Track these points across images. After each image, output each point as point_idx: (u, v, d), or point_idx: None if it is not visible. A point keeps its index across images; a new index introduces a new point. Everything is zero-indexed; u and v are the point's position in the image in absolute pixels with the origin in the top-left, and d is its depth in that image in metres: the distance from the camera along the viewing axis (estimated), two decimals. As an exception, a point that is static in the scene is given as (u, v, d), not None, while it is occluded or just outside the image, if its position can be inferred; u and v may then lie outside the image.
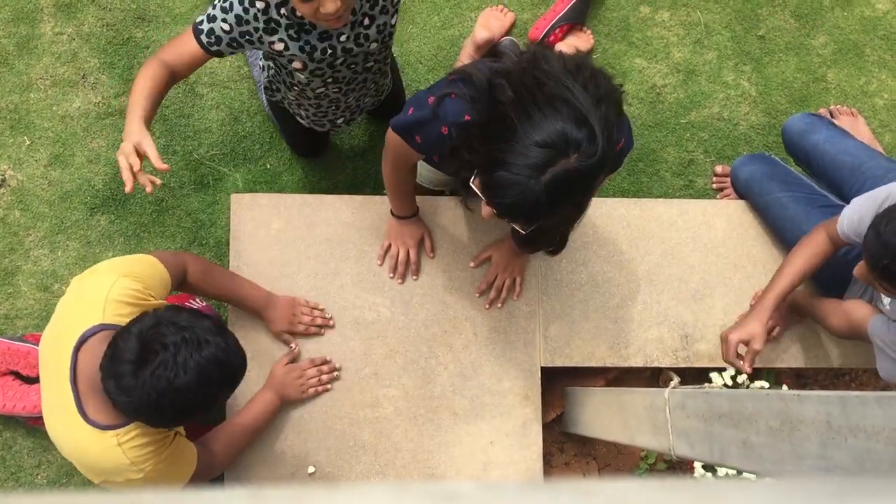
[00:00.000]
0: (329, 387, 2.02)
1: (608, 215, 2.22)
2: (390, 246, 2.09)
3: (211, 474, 1.81)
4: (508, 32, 2.68)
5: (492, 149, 1.38)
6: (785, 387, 2.30)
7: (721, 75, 2.83)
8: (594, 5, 2.78)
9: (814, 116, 2.35)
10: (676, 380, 1.66)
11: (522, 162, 1.33)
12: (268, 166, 2.62)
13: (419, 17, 2.78)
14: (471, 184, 1.47)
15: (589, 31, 2.74)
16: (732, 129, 2.80)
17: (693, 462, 2.21)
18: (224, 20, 1.67)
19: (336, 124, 2.20)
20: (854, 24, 2.91)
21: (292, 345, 2.02)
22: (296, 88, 1.95)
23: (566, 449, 2.28)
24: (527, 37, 2.71)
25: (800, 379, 2.35)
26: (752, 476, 1.51)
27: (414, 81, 2.67)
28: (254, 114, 2.65)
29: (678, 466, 2.27)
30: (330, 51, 1.77)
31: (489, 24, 2.61)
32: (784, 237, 2.19)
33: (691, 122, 2.79)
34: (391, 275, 2.09)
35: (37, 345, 2.30)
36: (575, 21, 2.69)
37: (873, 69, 2.89)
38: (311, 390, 1.99)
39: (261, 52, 2.00)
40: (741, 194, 2.37)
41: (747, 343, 1.91)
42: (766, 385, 2.20)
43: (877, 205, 1.76)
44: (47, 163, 2.55)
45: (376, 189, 2.64)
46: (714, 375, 2.24)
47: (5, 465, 2.35)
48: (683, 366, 2.17)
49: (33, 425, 2.32)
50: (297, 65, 1.78)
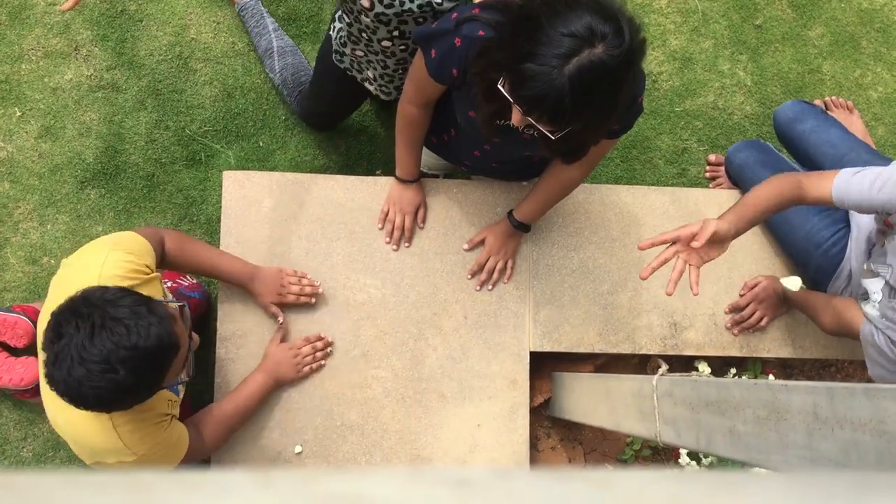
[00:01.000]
0: (323, 363, 2.02)
1: (601, 202, 2.22)
2: (390, 211, 2.11)
3: (199, 457, 1.80)
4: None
5: (519, 43, 1.39)
6: (771, 376, 2.31)
7: (717, 64, 2.83)
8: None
9: (804, 104, 2.35)
10: (665, 367, 1.66)
11: (548, 52, 1.34)
12: (260, 144, 2.61)
13: None
14: (498, 86, 1.46)
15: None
16: (727, 118, 2.80)
17: (679, 449, 2.22)
18: None
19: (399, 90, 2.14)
20: (851, 16, 2.91)
21: (279, 318, 2.01)
22: (364, 37, 1.91)
23: (552, 433, 2.29)
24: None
25: (786, 369, 2.37)
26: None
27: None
28: (247, 91, 2.63)
29: (663, 453, 2.29)
30: None
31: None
32: (774, 227, 2.20)
33: (686, 111, 2.79)
34: (387, 240, 2.10)
35: (24, 315, 2.29)
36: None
37: (869, 62, 2.89)
38: (307, 369, 1.98)
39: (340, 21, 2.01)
40: (734, 180, 2.38)
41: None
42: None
43: (868, 184, 1.69)
44: (38, 135, 2.53)
45: (369, 169, 2.63)
46: (701, 364, 2.25)
47: (-9, 438, 2.35)
48: (672, 353, 2.18)
49: (20, 398, 2.32)
50: (364, 2, 1.76)
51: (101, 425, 1.49)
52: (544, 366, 2.23)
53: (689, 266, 1.65)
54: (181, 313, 1.55)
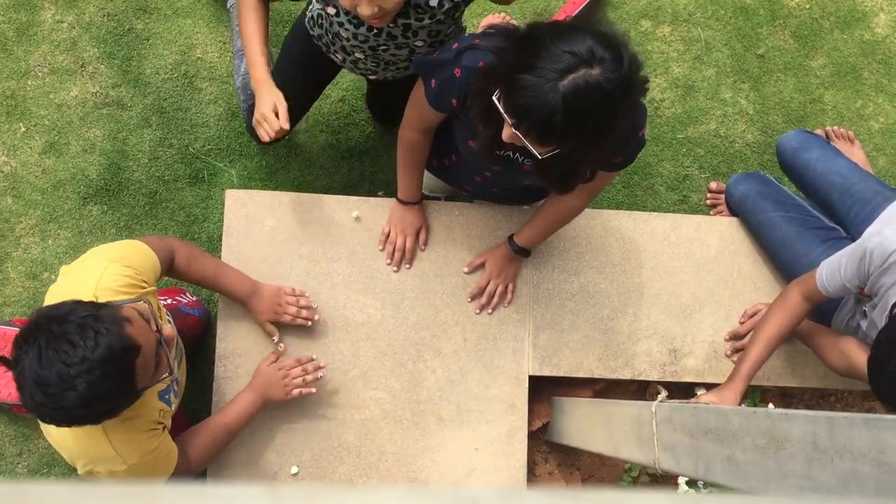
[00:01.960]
0: (313, 390, 1.97)
1: (602, 227, 2.22)
2: (391, 232, 2.11)
3: (186, 474, 1.79)
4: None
5: (521, 57, 1.41)
6: (770, 405, 2.30)
7: (719, 92, 2.85)
8: (596, 19, 2.78)
9: (808, 134, 2.36)
10: (664, 393, 1.66)
11: (546, 66, 1.35)
12: (264, 163, 2.62)
13: (421, 21, 2.78)
14: (493, 98, 1.46)
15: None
16: (728, 146, 2.81)
17: (677, 477, 2.21)
18: None
19: (367, 77, 2.20)
20: (853, 48, 2.93)
21: (280, 345, 2.00)
22: (338, 42, 1.98)
23: (550, 458, 2.28)
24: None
25: (785, 398, 2.36)
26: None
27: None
28: (252, 110, 2.64)
29: (661, 480, 2.27)
30: (375, 31, 1.81)
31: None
32: (776, 257, 2.19)
33: (688, 138, 2.80)
34: (388, 261, 2.10)
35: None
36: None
37: (870, 93, 2.90)
38: (296, 391, 1.94)
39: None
40: (735, 212, 2.38)
41: None
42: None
43: (856, 262, 1.75)
44: (42, 150, 2.54)
45: (371, 190, 2.64)
46: (701, 391, 2.24)
47: (-14, 453, 2.33)
48: (671, 380, 2.17)
49: (17, 412, 2.31)
50: (343, 33, 1.83)
51: (92, 433, 1.49)
52: (543, 390, 2.22)
53: None
54: (146, 310, 1.52)
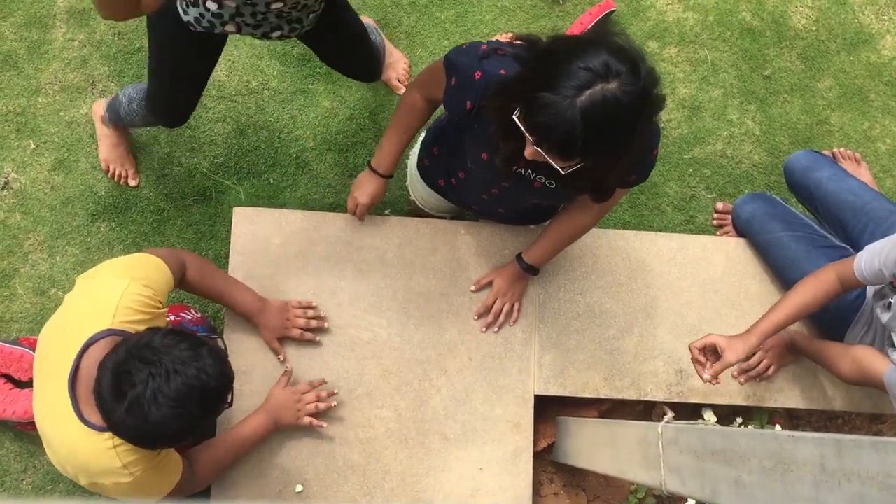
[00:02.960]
0: (324, 425, 1.97)
1: (609, 246, 2.22)
2: (349, 199, 2.13)
3: (191, 489, 1.79)
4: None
5: (539, 74, 1.42)
6: (777, 427, 2.29)
7: (726, 113, 2.85)
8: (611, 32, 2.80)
9: (816, 153, 2.36)
10: (671, 414, 1.65)
11: (564, 83, 1.36)
12: (271, 181, 2.63)
13: (429, 40, 2.80)
14: (513, 116, 1.47)
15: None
16: (735, 166, 2.81)
17: (686, 500, 2.20)
18: None
19: (269, 35, 1.93)
20: (860, 69, 2.94)
21: (280, 357, 2.01)
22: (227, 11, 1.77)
23: (556, 479, 2.27)
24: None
25: (792, 419, 2.35)
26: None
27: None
28: (259, 128, 2.66)
29: (668, 502, 2.26)
30: None
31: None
32: (784, 276, 2.19)
33: (694, 158, 2.80)
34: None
35: (31, 349, 2.29)
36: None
37: (877, 114, 2.91)
38: (307, 419, 1.95)
39: None
40: (742, 232, 2.37)
41: (722, 353, 1.82)
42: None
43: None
44: (51, 167, 2.56)
45: (378, 209, 2.64)
46: (707, 412, 2.24)
47: (-9, 469, 2.33)
48: (677, 401, 2.16)
49: (22, 430, 2.31)
50: None
51: (101, 446, 1.50)
52: (549, 410, 2.22)
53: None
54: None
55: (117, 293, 1.56)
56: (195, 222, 2.56)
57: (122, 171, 2.53)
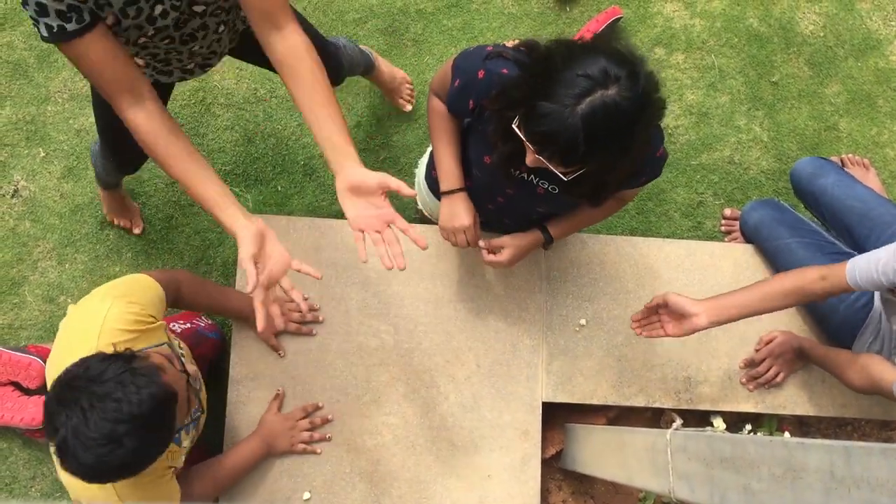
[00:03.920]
0: (318, 451, 2.00)
1: (616, 253, 2.22)
2: (446, 237, 1.92)
3: None
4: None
5: (536, 82, 1.42)
6: (787, 434, 2.28)
7: (733, 119, 2.85)
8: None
9: (822, 160, 2.35)
10: (679, 421, 1.64)
11: (563, 91, 1.36)
12: (278, 188, 2.63)
13: (436, 48, 2.80)
14: (513, 126, 1.48)
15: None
16: (743, 172, 2.81)
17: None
18: None
19: (188, 72, 1.88)
20: (867, 75, 2.93)
21: (279, 388, 2.01)
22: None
23: (564, 486, 2.26)
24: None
25: (802, 427, 2.33)
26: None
27: (428, 111, 2.69)
28: (267, 136, 2.67)
29: (676, 509, 2.25)
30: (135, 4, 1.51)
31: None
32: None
33: (702, 164, 2.80)
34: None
35: (39, 357, 2.30)
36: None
37: (885, 120, 2.90)
38: (300, 447, 1.98)
39: None
40: (749, 239, 2.37)
41: (689, 315, 1.79)
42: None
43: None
44: (60, 175, 2.57)
45: (385, 216, 2.64)
46: (716, 419, 2.23)
47: (0, 476, 2.34)
48: (686, 408, 2.15)
49: (30, 437, 2.32)
50: (109, 20, 1.50)
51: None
52: (556, 417, 2.21)
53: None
54: (169, 353, 1.52)
55: (101, 315, 1.54)
56: (203, 230, 2.57)
57: (124, 223, 2.55)
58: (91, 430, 1.29)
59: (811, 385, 2.19)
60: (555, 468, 2.25)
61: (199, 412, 1.54)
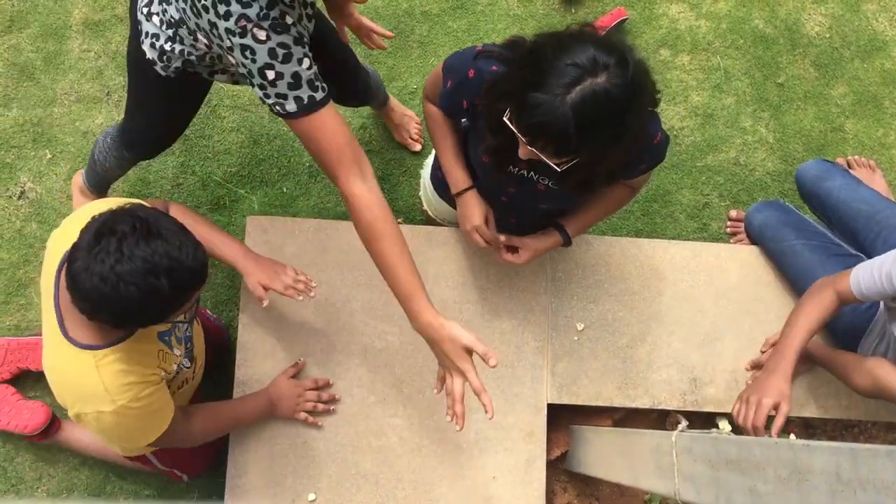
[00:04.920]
0: (319, 424, 2.00)
1: (621, 254, 2.21)
2: (467, 236, 1.92)
3: (180, 442, 1.77)
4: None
5: (526, 74, 1.42)
6: (792, 436, 2.27)
7: (739, 121, 2.85)
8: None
9: (828, 163, 2.35)
10: (685, 423, 1.64)
11: (552, 81, 1.36)
12: (284, 190, 2.64)
13: (441, 50, 2.81)
14: (504, 118, 1.47)
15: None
16: (748, 174, 2.80)
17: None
18: None
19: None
20: (874, 76, 2.92)
21: (300, 358, 2.02)
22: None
23: (569, 488, 2.26)
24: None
25: (808, 429, 2.33)
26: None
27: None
28: (273, 138, 2.67)
29: (682, 511, 2.24)
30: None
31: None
32: (798, 285, 2.18)
33: (707, 166, 2.80)
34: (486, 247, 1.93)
35: None
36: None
37: (892, 121, 2.89)
38: (303, 415, 1.97)
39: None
40: (755, 240, 2.36)
41: (776, 406, 1.86)
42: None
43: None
44: (67, 177, 2.58)
45: (390, 218, 2.65)
46: (722, 421, 2.22)
47: (6, 477, 2.35)
48: (691, 409, 2.15)
49: (30, 442, 2.31)
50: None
51: (83, 364, 1.46)
52: (561, 418, 2.21)
53: None
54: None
55: (88, 208, 1.55)
56: (209, 231, 2.58)
57: None
58: (147, 248, 1.32)
59: (816, 387, 2.18)
60: (560, 470, 2.25)
61: (186, 321, 1.57)
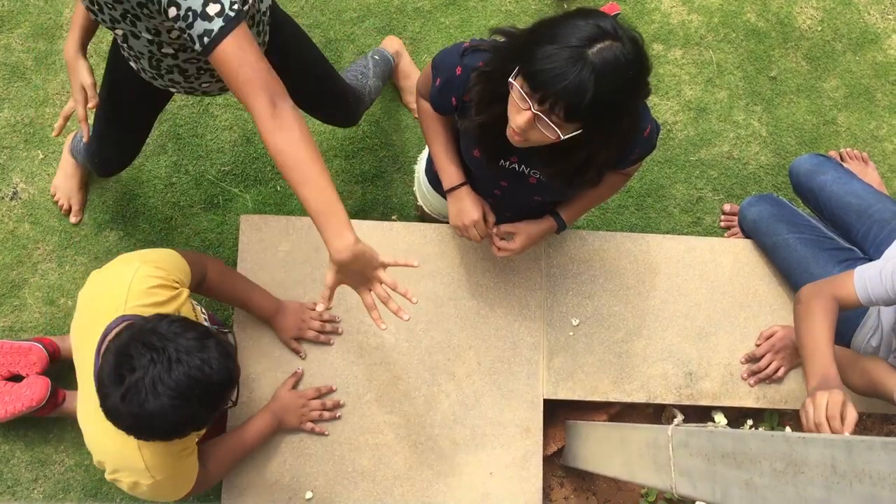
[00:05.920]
0: (326, 432, 2.00)
1: (616, 249, 2.22)
2: (457, 231, 1.94)
3: (201, 488, 1.79)
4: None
5: (537, 33, 1.38)
6: (788, 429, 2.28)
7: (732, 114, 2.85)
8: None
9: (821, 157, 2.35)
10: (681, 417, 1.64)
11: (570, 33, 1.33)
12: (278, 188, 2.63)
13: (434, 46, 2.80)
14: (510, 79, 1.42)
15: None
16: (742, 168, 2.81)
17: (694, 502, 2.19)
18: None
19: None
20: (866, 69, 2.93)
21: (299, 368, 2.02)
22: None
23: (566, 483, 2.26)
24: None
25: (803, 421, 2.34)
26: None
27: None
28: (266, 136, 2.67)
29: (678, 505, 2.25)
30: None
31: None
32: (791, 278, 2.18)
33: (701, 160, 2.80)
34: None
35: (41, 344, 2.30)
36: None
37: (884, 114, 2.90)
38: (309, 425, 1.98)
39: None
40: (749, 234, 2.37)
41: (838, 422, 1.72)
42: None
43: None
44: (59, 177, 2.57)
45: (385, 215, 2.65)
46: (718, 415, 2.23)
47: (2, 479, 2.34)
48: (687, 403, 2.16)
49: (40, 415, 2.29)
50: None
51: (127, 444, 1.48)
52: (558, 414, 2.21)
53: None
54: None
55: (128, 278, 1.53)
56: (202, 230, 2.57)
57: (66, 204, 2.53)
58: (171, 380, 1.32)
59: (812, 379, 2.19)
60: (556, 465, 2.26)
61: (233, 406, 1.57)
